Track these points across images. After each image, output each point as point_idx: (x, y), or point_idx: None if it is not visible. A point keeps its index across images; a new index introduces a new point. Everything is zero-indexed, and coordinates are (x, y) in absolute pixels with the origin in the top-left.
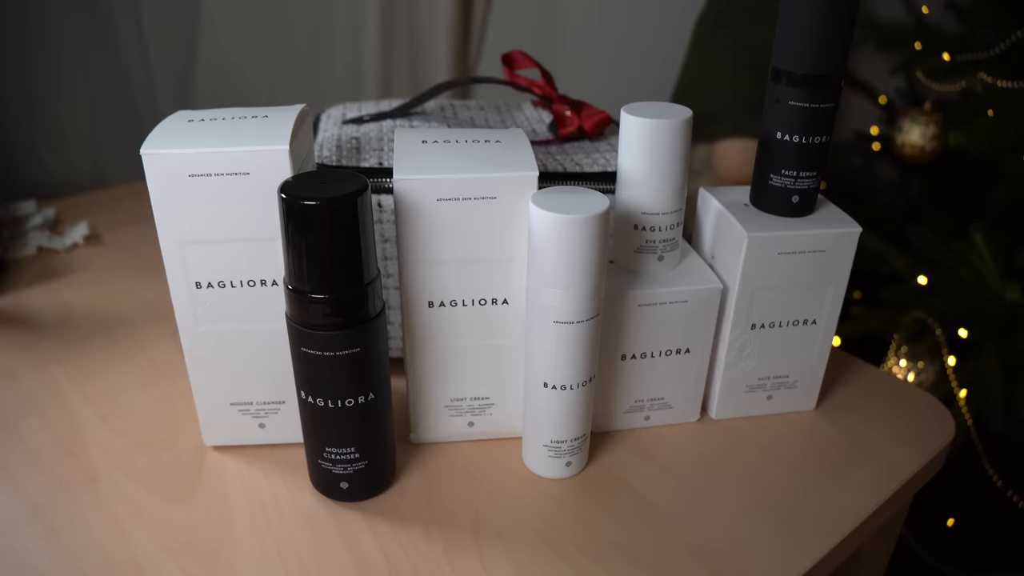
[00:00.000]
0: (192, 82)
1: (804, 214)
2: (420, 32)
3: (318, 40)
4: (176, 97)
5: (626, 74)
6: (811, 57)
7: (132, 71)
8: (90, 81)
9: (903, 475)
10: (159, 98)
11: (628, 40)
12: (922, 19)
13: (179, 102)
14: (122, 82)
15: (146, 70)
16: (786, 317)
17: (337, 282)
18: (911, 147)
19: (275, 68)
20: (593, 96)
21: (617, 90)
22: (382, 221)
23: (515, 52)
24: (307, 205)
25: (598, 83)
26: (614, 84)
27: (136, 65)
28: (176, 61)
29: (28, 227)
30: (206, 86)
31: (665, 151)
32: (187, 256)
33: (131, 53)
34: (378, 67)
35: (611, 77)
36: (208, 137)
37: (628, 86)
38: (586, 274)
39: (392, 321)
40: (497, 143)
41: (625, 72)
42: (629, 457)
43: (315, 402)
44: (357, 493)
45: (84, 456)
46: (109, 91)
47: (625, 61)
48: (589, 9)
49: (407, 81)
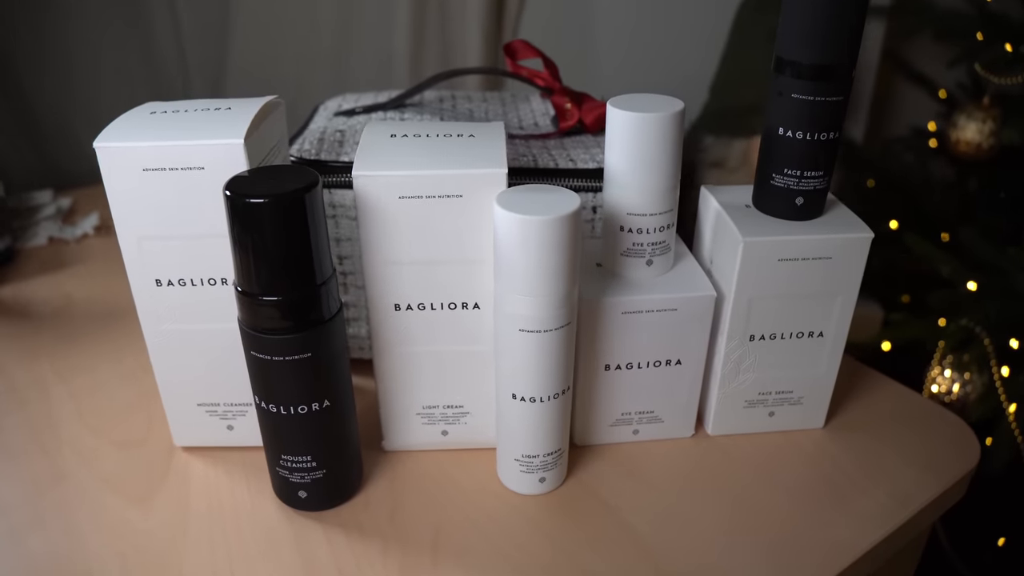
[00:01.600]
0: (224, 74)
1: (810, 217)
2: (452, 21)
3: (348, 30)
4: (209, 88)
5: (664, 66)
6: (817, 45)
7: (167, 63)
8: (129, 75)
9: (913, 505)
10: (193, 89)
11: (667, 31)
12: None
13: (213, 93)
14: (159, 74)
15: (181, 62)
16: (789, 328)
17: (286, 284)
18: (966, 144)
19: (305, 59)
20: (628, 89)
21: (653, 83)
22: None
23: (517, 41)
24: (252, 203)
25: (634, 75)
26: (651, 77)
27: (171, 57)
28: (209, 52)
29: (40, 217)
30: (238, 77)
31: (653, 147)
32: (146, 253)
33: (167, 46)
34: (408, 57)
35: (648, 69)
36: (165, 130)
37: (665, 78)
38: (554, 280)
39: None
40: (470, 138)
41: (663, 64)
42: (612, 474)
43: (268, 408)
44: (316, 503)
45: (57, 454)
46: (146, 84)
47: (663, 53)
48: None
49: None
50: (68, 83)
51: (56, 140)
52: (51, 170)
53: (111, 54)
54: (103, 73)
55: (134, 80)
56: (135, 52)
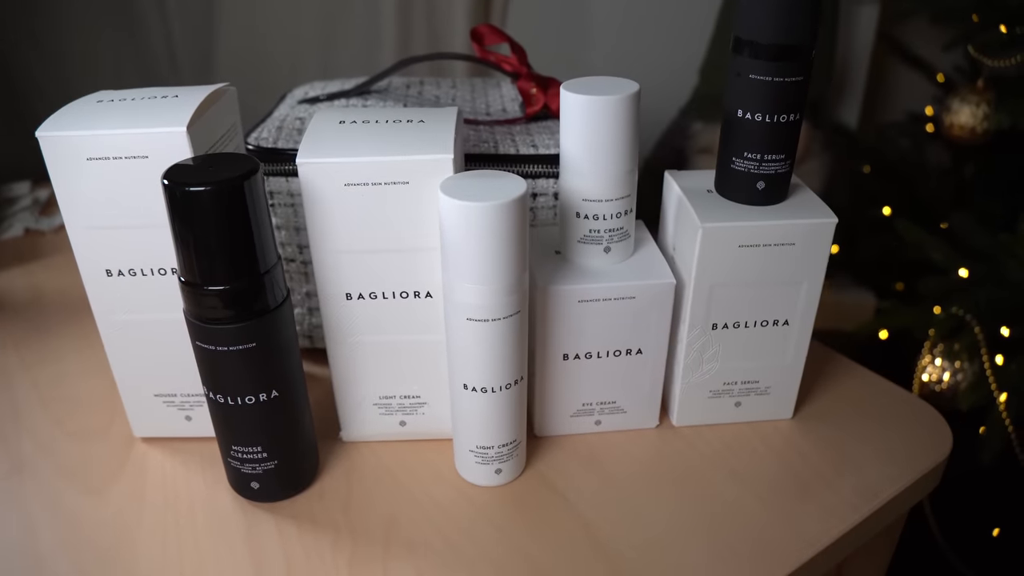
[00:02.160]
0: (214, 63)
1: (772, 202)
2: (439, 7)
3: (335, 18)
4: (199, 78)
5: (654, 51)
6: (775, 24)
7: (156, 52)
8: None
9: (880, 497)
10: (183, 80)
11: (657, 16)
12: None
13: (202, 81)
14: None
15: (169, 51)
16: (753, 317)
17: (228, 273)
18: (960, 128)
19: (293, 47)
20: (619, 74)
21: (644, 68)
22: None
23: (483, 26)
24: (191, 191)
25: (624, 61)
26: (641, 62)
27: (160, 46)
28: (197, 41)
29: (16, 208)
30: (228, 64)
31: (607, 131)
32: (94, 242)
33: (155, 35)
34: (395, 44)
35: (638, 55)
36: (109, 119)
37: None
38: (501, 267)
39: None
40: (420, 123)
41: (653, 49)
42: (571, 465)
43: (217, 398)
44: (269, 494)
45: (15, 444)
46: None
47: (653, 38)
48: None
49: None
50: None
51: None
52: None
53: (98, 44)
54: (90, 65)
55: (122, 71)
56: (124, 42)
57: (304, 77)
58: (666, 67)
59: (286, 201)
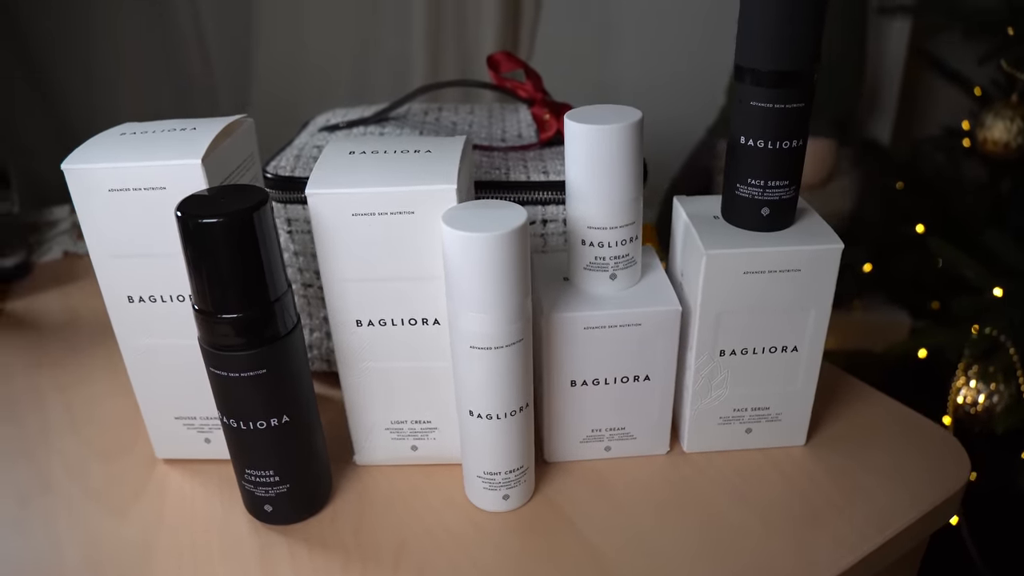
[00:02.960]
0: (250, 88)
1: (778, 228)
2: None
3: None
4: (236, 102)
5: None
6: (775, 51)
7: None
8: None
9: (893, 527)
10: (220, 107)
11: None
12: (1015, 1)
13: (239, 106)
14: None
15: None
16: (761, 343)
17: (239, 301)
18: (994, 144)
19: (325, 71)
20: (646, 93)
21: (670, 88)
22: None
23: (499, 54)
24: (202, 223)
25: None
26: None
27: (198, 73)
28: (234, 68)
29: (56, 231)
30: (263, 90)
31: (610, 160)
32: (116, 270)
33: (195, 63)
34: (425, 68)
35: (664, 75)
36: (130, 151)
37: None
38: (502, 296)
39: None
40: (427, 153)
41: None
42: (580, 491)
43: (230, 423)
44: (282, 516)
45: (45, 464)
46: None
47: (680, 58)
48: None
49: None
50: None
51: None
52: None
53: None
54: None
55: (161, 97)
56: (166, 71)
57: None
58: (694, 87)
59: (304, 228)
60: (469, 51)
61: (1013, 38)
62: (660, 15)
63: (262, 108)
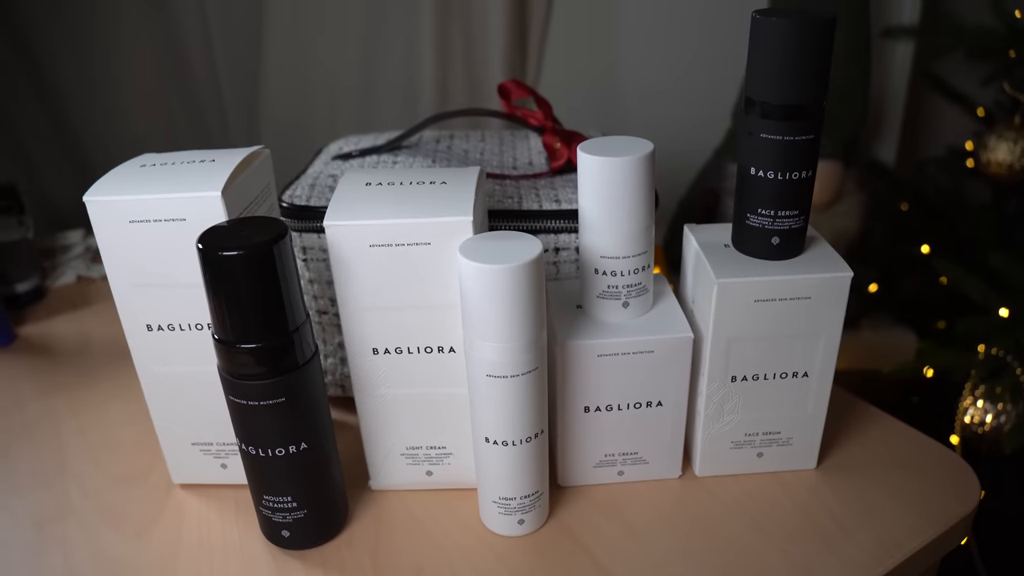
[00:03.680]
0: (259, 114)
1: (788, 257)
2: (475, 55)
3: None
4: (246, 127)
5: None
6: (784, 85)
7: (205, 105)
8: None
9: (903, 551)
10: (231, 131)
11: (689, 58)
12: (1016, 23)
13: (251, 133)
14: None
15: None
16: (772, 369)
17: (259, 331)
18: (997, 165)
19: (334, 96)
20: (653, 116)
21: (677, 111)
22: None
23: (509, 82)
24: (223, 255)
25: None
26: (674, 105)
27: (208, 99)
28: (243, 94)
29: (70, 256)
30: (271, 114)
31: (622, 191)
32: (136, 299)
33: (204, 88)
34: (433, 93)
35: (671, 98)
36: (150, 183)
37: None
38: (518, 326)
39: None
40: (443, 184)
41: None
42: (594, 516)
43: (248, 450)
44: (299, 542)
45: (61, 488)
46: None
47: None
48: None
49: (464, 106)
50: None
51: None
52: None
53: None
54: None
55: (175, 124)
56: (177, 97)
57: (343, 127)
58: (700, 109)
59: (319, 256)
60: (477, 73)
61: (1015, 60)
62: (666, 40)
63: (269, 132)
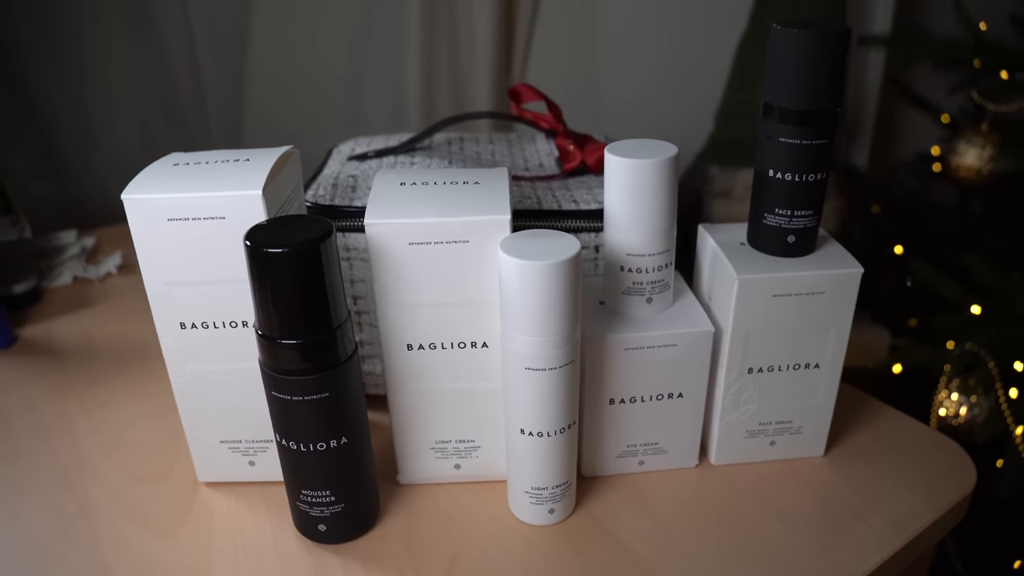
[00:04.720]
0: (242, 117)
1: (802, 254)
2: (461, 60)
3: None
4: (228, 130)
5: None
6: (803, 92)
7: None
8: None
9: (911, 530)
10: (213, 132)
11: (672, 64)
12: (981, 35)
13: (231, 136)
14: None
15: (200, 106)
16: (786, 361)
17: (304, 328)
18: (966, 170)
19: (318, 100)
20: (635, 122)
21: (660, 115)
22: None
23: (520, 86)
24: (271, 252)
25: (641, 108)
26: (657, 110)
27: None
28: (226, 96)
29: (65, 257)
30: (255, 118)
31: (648, 191)
32: (171, 297)
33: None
34: (419, 97)
35: (654, 103)
36: (188, 181)
37: (671, 111)
38: (556, 320)
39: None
40: (476, 184)
41: (669, 97)
42: (619, 504)
43: (288, 445)
44: (336, 535)
45: (81, 488)
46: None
47: (669, 86)
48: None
49: (450, 109)
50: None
51: (79, 182)
52: (74, 211)
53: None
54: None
55: (154, 125)
56: (157, 97)
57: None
58: (683, 114)
59: (344, 255)
60: (462, 77)
61: (980, 69)
62: (650, 46)
63: (253, 133)
